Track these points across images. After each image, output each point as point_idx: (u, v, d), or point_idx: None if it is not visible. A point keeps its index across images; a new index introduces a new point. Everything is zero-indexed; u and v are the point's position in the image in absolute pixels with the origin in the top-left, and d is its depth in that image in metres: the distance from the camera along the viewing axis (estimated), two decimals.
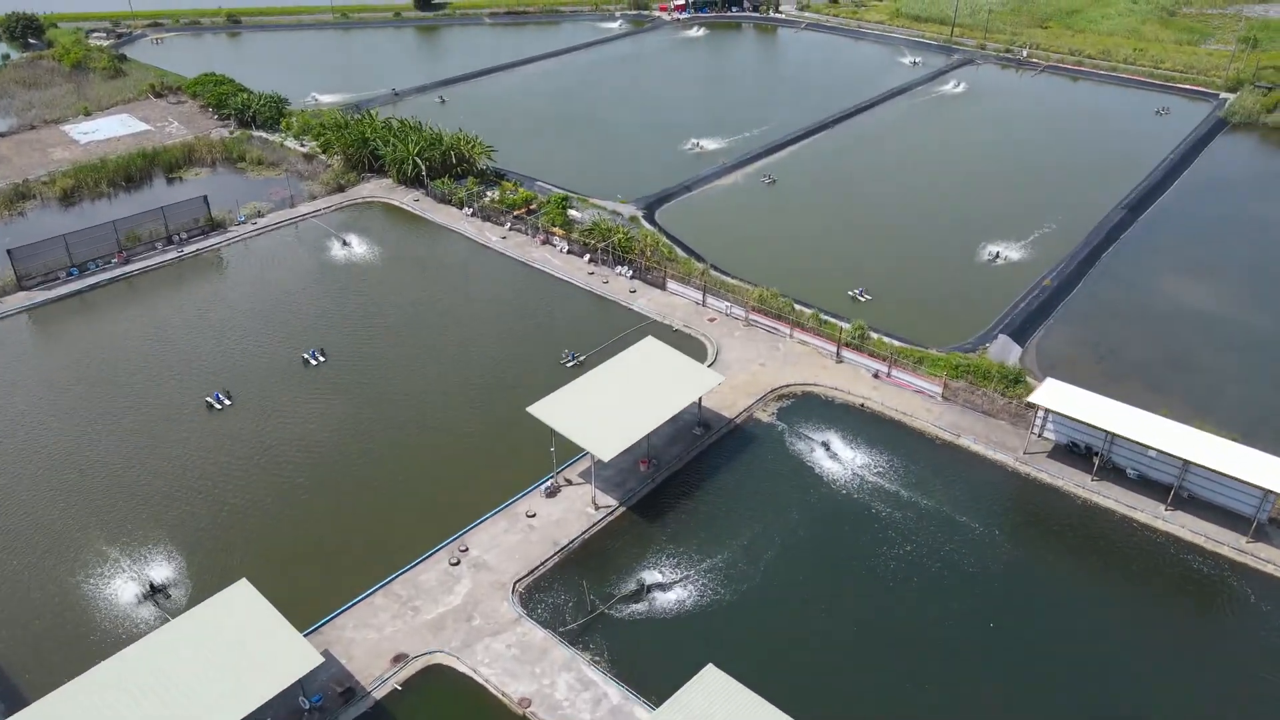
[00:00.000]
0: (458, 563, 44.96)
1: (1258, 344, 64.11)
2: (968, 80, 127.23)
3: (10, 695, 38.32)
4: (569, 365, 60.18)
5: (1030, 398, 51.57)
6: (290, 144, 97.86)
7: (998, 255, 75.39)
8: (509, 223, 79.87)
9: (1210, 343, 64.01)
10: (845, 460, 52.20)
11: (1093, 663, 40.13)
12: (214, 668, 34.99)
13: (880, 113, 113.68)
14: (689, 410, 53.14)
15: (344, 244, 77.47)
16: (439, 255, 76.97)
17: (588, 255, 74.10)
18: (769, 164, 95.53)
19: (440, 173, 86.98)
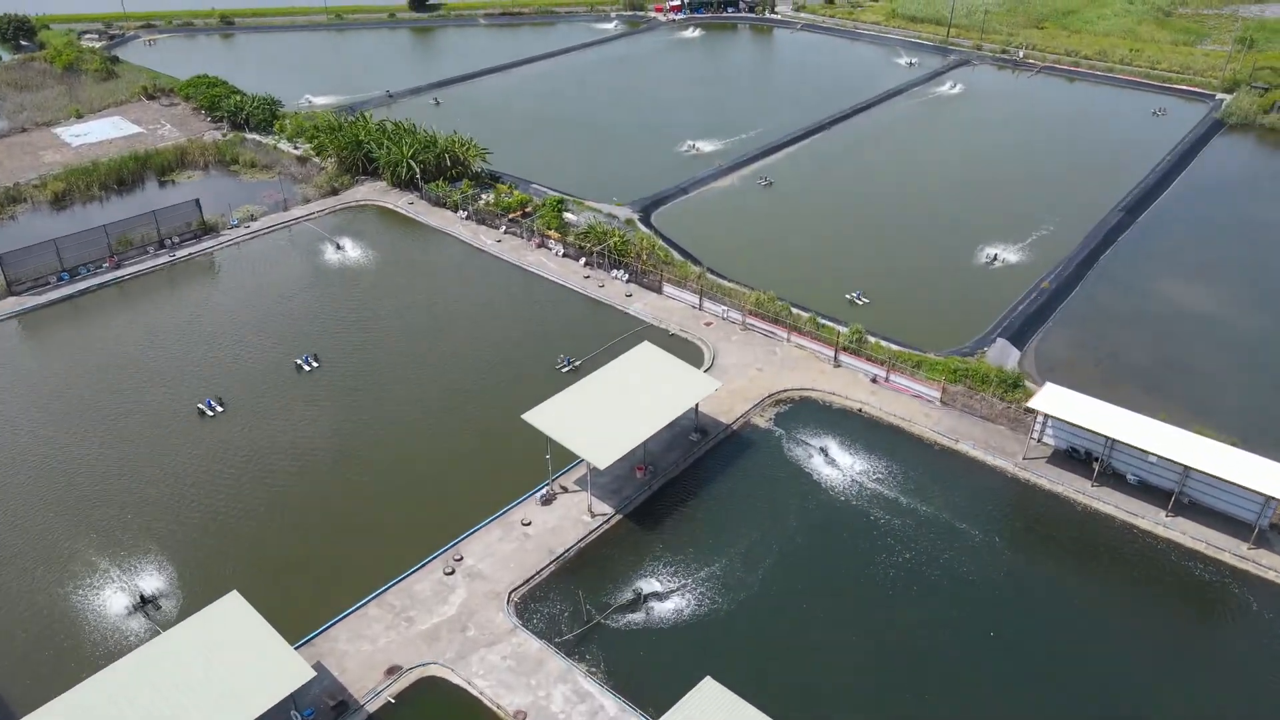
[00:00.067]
0: (452, 572, 44.46)
1: (1257, 346, 63.87)
2: (964, 81, 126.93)
3: None
4: (564, 370, 59.67)
5: (1029, 403, 51.20)
6: (284, 146, 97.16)
7: (995, 258, 75.04)
8: (504, 226, 79.34)
9: (1209, 345, 63.72)
10: (843, 466, 51.78)
11: (1094, 672, 39.74)
12: (204, 682, 34.44)
13: (877, 114, 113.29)
14: (686, 416, 52.68)
15: (338, 248, 76.85)
16: (433, 259, 76.40)
17: (583, 259, 73.61)
18: (765, 166, 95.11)
19: (435, 175, 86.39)
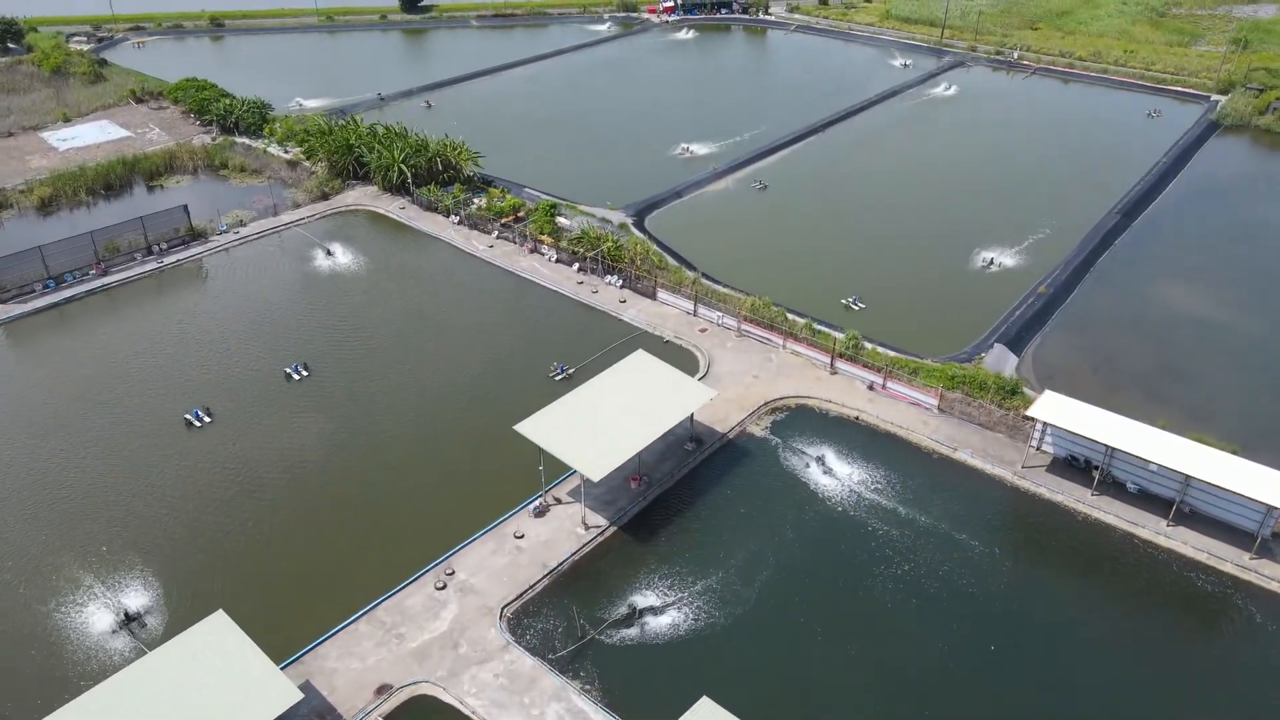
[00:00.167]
0: (444, 586, 43.66)
1: (1255, 349, 63.39)
2: (959, 83, 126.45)
3: None
4: (558, 378, 58.91)
5: (1029, 411, 50.58)
6: (274, 150, 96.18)
7: (992, 262, 74.47)
8: (496, 231, 78.52)
9: (1207, 349, 63.21)
10: (840, 476, 51.09)
11: (1095, 686, 39.07)
12: (188, 706, 33.57)
13: (872, 116, 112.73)
14: (681, 425, 51.87)
15: (328, 254, 75.92)
16: (425, 265, 75.53)
17: (576, 264, 72.83)
18: (760, 169, 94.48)
19: (426, 179, 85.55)
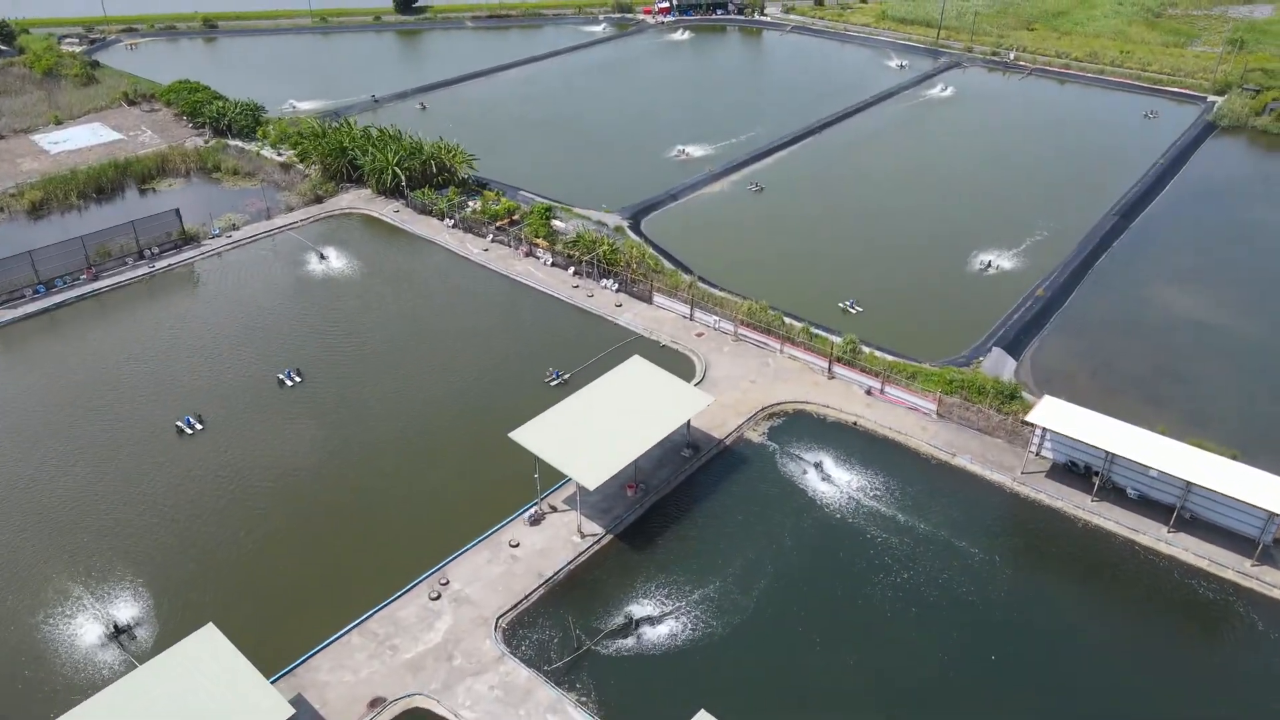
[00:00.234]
0: (438, 597, 43.14)
1: (1253, 352, 63.03)
2: (955, 84, 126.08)
3: None
4: (553, 384, 58.40)
5: (1028, 416, 50.16)
6: (267, 153, 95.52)
7: (989, 264, 74.09)
8: (491, 234, 77.96)
9: (1206, 352, 62.86)
10: (839, 482, 50.65)
11: (1096, 695, 38.64)
12: None
13: (868, 117, 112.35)
14: (678, 431, 51.44)
15: (321, 258, 75.32)
16: (419, 269, 74.94)
17: (572, 268, 72.31)
18: (756, 171, 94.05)
19: (421, 183, 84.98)
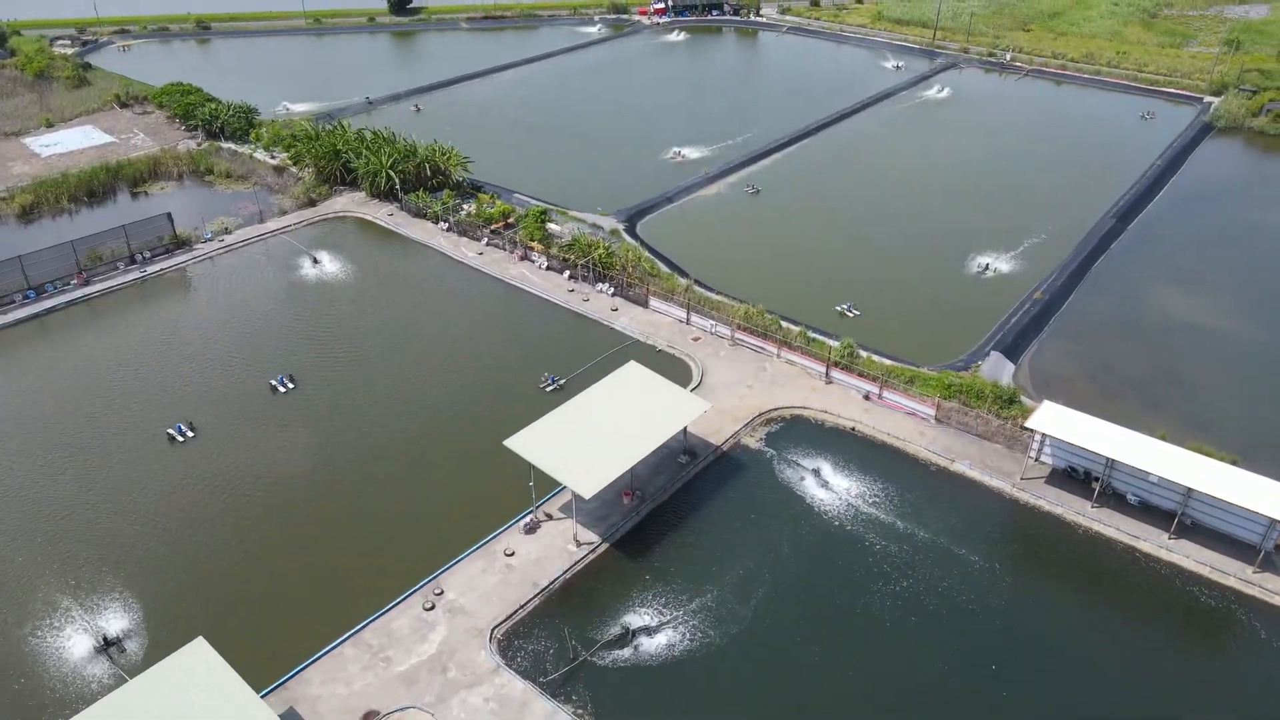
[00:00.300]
0: (432, 607, 42.60)
1: (1252, 355, 62.70)
2: (951, 85, 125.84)
3: None
4: (548, 389, 57.89)
5: (1027, 422, 49.74)
6: (260, 156, 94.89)
7: (987, 267, 73.73)
8: (486, 238, 77.42)
9: (1205, 355, 62.52)
10: (837, 489, 50.20)
11: (1098, 705, 38.21)
12: None
13: (864, 119, 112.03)
14: (674, 438, 50.94)
15: (315, 262, 74.70)
16: (414, 273, 74.38)
17: (568, 271, 71.80)
18: (752, 173, 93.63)
19: (415, 185, 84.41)
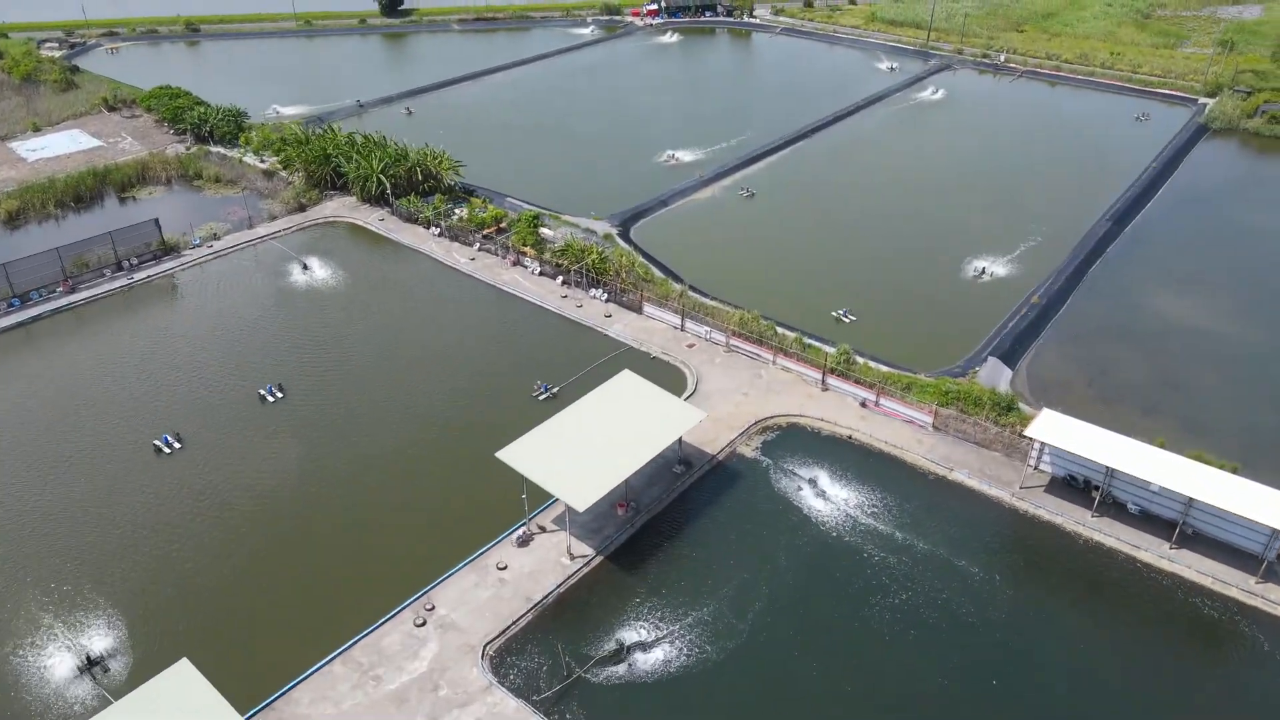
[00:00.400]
0: (423, 623, 41.83)
1: (1250, 359, 62.19)
2: (946, 86, 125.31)
3: None
4: (541, 398, 57.13)
5: (1027, 430, 49.11)
6: (249, 160, 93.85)
7: (984, 271, 73.15)
8: (478, 243, 76.61)
9: (1203, 359, 62.04)
10: (834, 499, 49.54)
11: (1099, 718, 37.77)
12: None
13: (859, 121, 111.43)
14: (669, 447, 50.22)
15: (304, 268, 73.79)
16: (405, 279, 73.49)
17: (560, 277, 71.05)
18: (747, 176, 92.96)
19: (406, 190, 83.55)
